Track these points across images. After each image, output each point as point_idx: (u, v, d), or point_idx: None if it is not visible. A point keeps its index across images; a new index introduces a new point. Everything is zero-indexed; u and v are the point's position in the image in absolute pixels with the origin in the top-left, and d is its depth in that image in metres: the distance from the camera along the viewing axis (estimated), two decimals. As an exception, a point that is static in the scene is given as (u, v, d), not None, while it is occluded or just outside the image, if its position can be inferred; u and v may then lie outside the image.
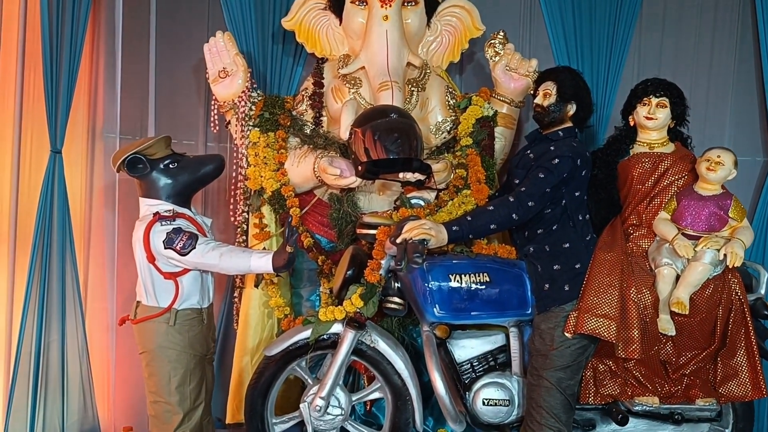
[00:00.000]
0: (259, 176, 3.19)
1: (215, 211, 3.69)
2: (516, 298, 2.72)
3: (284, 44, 3.58)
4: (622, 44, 3.55)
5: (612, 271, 2.64)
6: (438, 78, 3.38)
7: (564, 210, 2.73)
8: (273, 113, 3.28)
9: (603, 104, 3.53)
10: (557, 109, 2.81)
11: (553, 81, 2.84)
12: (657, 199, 2.86)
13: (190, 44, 3.63)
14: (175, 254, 2.58)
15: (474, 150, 3.14)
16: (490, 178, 3.12)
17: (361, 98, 3.23)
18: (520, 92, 3.29)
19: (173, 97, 3.72)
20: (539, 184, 2.65)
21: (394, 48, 3.15)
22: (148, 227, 2.62)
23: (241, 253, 2.61)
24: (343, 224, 3.14)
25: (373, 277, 2.71)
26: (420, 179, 2.89)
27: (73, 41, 3.37)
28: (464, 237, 2.62)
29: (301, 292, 3.34)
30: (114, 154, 2.79)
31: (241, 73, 3.27)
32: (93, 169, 3.63)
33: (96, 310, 3.60)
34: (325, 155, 3.08)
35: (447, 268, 2.68)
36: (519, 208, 2.63)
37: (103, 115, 3.65)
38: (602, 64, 3.56)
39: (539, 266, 2.70)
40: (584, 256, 2.70)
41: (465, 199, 2.98)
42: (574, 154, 2.69)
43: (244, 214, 3.33)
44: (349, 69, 3.23)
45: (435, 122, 3.32)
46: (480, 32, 3.38)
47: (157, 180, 2.71)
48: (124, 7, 3.68)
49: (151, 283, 2.66)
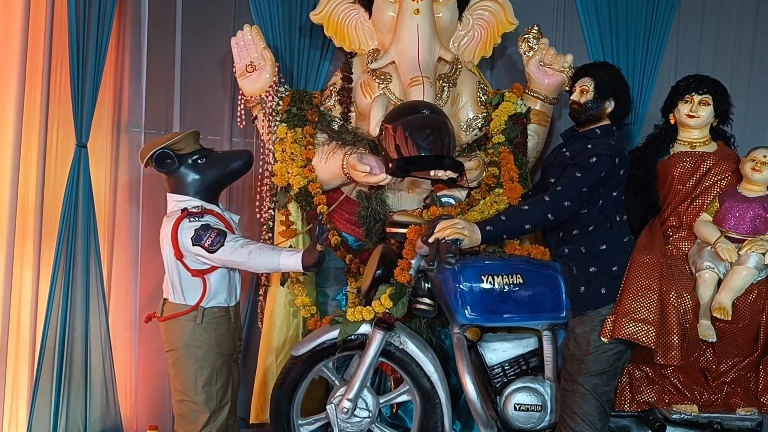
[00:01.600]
0: (286, 173, 3.18)
1: (240, 208, 3.68)
2: (550, 300, 2.69)
3: (312, 38, 3.57)
4: (659, 38, 3.51)
5: (651, 274, 2.60)
6: (469, 73, 3.36)
7: (601, 210, 2.70)
8: (301, 108, 3.27)
9: (639, 101, 3.48)
10: (595, 106, 2.77)
11: (591, 77, 2.80)
12: (698, 200, 2.83)
13: (216, 38, 3.63)
14: (204, 251, 2.58)
15: (506, 148, 3.12)
16: (523, 176, 3.10)
17: (391, 94, 3.21)
18: (555, 88, 3.26)
19: (199, 91, 3.73)
20: (576, 183, 2.62)
21: (425, 42, 3.13)
22: (177, 223, 2.62)
23: (270, 251, 2.61)
24: (371, 222, 3.12)
25: (403, 277, 2.69)
26: (452, 177, 2.86)
27: (99, 35, 3.39)
28: (498, 237, 2.59)
29: (327, 291, 3.33)
30: (142, 148, 2.80)
31: (269, 67, 3.27)
32: (118, 163, 3.65)
33: (119, 306, 3.62)
34: (354, 152, 3.07)
35: (479, 269, 2.66)
36: (555, 208, 2.60)
37: (128, 110, 3.67)
38: (638, 59, 3.52)
39: (574, 268, 2.67)
40: (621, 258, 2.67)
41: (497, 198, 2.95)
42: (613, 153, 2.66)
43: (270, 211, 3.33)
44: (379, 64, 3.22)
45: (466, 119, 3.30)
46: (513, 26, 3.35)
47: (186, 175, 2.72)
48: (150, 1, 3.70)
49: (179, 281, 2.66)
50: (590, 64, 2.97)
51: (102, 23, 3.40)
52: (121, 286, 3.63)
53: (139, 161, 2.82)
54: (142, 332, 3.61)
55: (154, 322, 2.80)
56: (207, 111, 3.73)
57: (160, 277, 2.82)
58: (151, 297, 3.54)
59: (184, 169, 2.72)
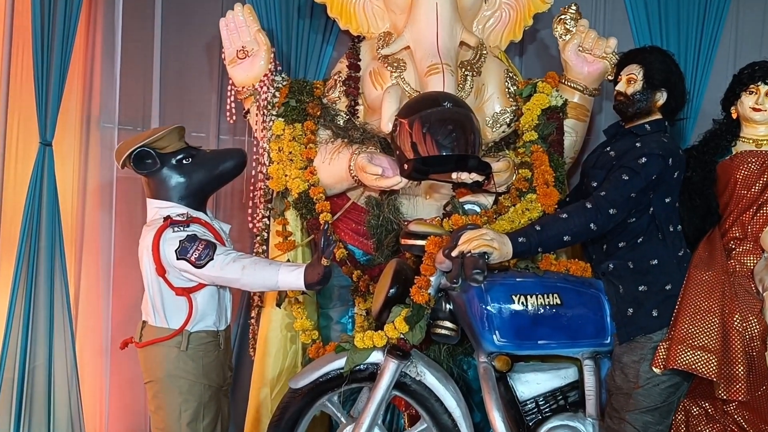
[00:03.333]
0: (284, 175, 3.18)
1: (229, 217, 3.70)
2: (592, 324, 2.69)
3: (312, 19, 3.59)
4: (716, 19, 3.53)
5: (711, 293, 2.60)
6: (496, 60, 3.36)
7: (651, 219, 2.70)
8: (300, 101, 3.28)
9: (693, 92, 3.50)
10: (644, 97, 2.78)
11: (640, 64, 2.80)
12: (765, 207, 2.83)
13: (202, 19, 3.65)
14: (190, 266, 2.58)
15: (540, 146, 3.12)
16: (560, 180, 3.10)
17: (406, 84, 3.22)
18: (596, 78, 3.26)
19: (182, 81, 3.74)
20: (622, 187, 2.62)
21: (445, 24, 3.13)
22: (158, 234, 2.62)
23: (267, 266, 2.61)
24: (382, 233, 3.12)
25: (421, 297, 2.68)
26: (477, 180, 2.86)
27: (66, 15, 3.42)
28: (532, 250, 2.59)
29: (330, 314, 3.33)
30: (118, 146, 2.81)
31: (264, 53, 3.28)
32: (87, 164, 3.66)
33: (88, 329, 3.62)
34: (363, 151, 3.07)
35: (509, 288, 2.66)
36: (598, 217, 2.59)
37: (100, 102, 3.69)
38: (692, 43, 3.54)
39: (621, 287, 2.67)
40: (676, 275, 2.67)
41: (530, 205, 2.95)
42: (665, 152, 2.65)
43: (265, 219, 3.33)
44: (391, 49, 3.22)
45: (492, 113, 3.31)
46: (547, 6, 3.37)
47: (169, 178, 2.72)
48: (126, -25, 3.72)
49: (161, 300, 2.66)
50: (638, 49, 2.97)
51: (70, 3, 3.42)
52: (91, 307, 3.63)
53: (112, 161, 2.84)
54: (114, 360, 3.61)
55: (130, 348, 2.79)
56: (191, 104, 3.75)
57: (136, 295, 2.82)
58: (125, 319, 3.55)
59: (166, 170, 2.72)
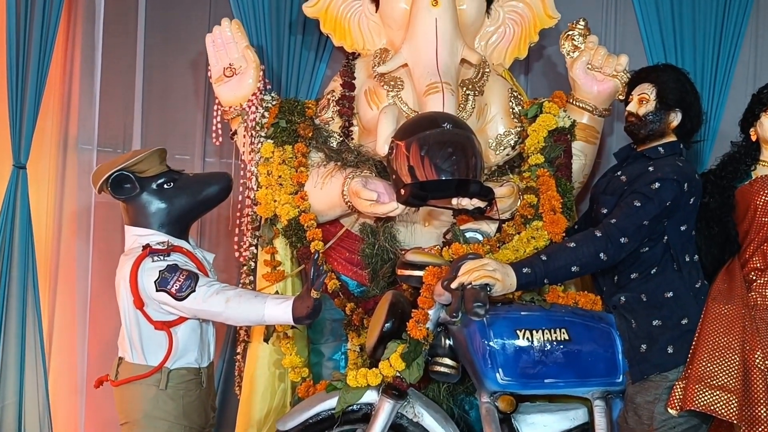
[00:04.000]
0: (272, 201, 3.18)
1: (214, 245, 3.70)
2: (603, 361, 2.68)
3: (305, 35, 3.61)
4: (734, 35, 3.54)
5: (730, 329, 2.59)
6: (499, 79, 3.37)
7: (666, 249, 2.70)
8: (291, 121, 3.28)
9: (710, 113, 3.51)
10: (657, 118, 2.79)
11: (652, 83, 2.82)
12: (789, 235, 2.81)
13: (187, 35, 3.68)
14: (170, 298, 2.57)
15: (546, 170, 3.11)
16: (567, 206, 3.09)
17: (403, 104, 3.22)
18: (606, 97, 3.27)
19: (165, 100, 3.75)
20: (635, 215, 2.62)
21: (445, 41, 3.14)
22: (137, 264, 2.61)
23: (253, 299, 2.61)
24: (378, 263, 3.11)
25: (419, 332, 2.67)
26: (479, 207, 2.86)
27: (44, 31, 3.44)
28: (537, 282, 2.59)
29: (322, 349, 3.32)
30: (95, 170, 2.81)
31: (252, 71, 3.29)
32: (64, 188, 3.67)
33: (62, 365, 3.61)
34: (357, 175, 3.07)
35: (514, 322, 2.65)
36: (609, 246, 2.59)
37: (78, 123, 3.71)
38: (708, 61, 3.55)
39: (634, 321, 2.67)
40: (693, 308, 2.67)
41: (536, 233, 2.94)
42: (680, 177, 2.66)
43: (252, 248, 3.32)
44: (388, 67, 3.23)
45: (496, 135, 3.32)
46: (553, 21, 3.38)
47: (149, 203, 2.72)
48: (107, -12, 3.74)
49: (138, 335, 2.65)
50: (651, 67, 2.98)
51: (48, 16, 3.45)
52: (66, 341, 3.62)
53: (90, 185, 2.83)
54: (90, 399, 3.59)
55: (106, 387, 2.77)
56: (175, 124, 3.76)
57: (115, 329, 2.80)
58: (102, 355, 3.53)
59: (147, 195, 2.72)
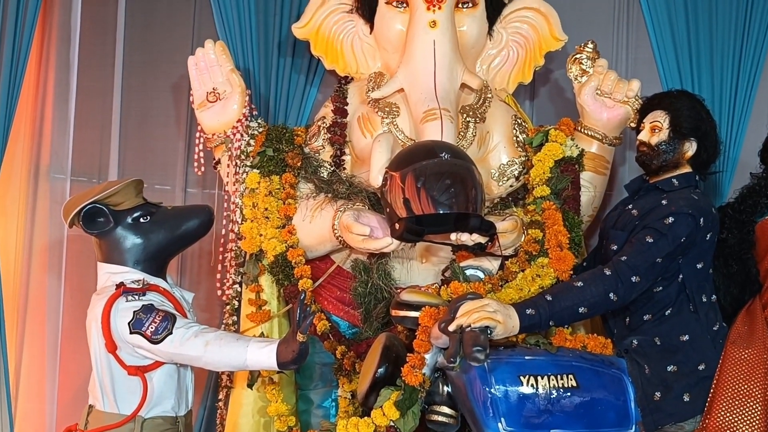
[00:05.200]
0: (258, 235, 3.19)
1: (196, 282, 3.71)
2: (614, 410, 2.65)
3: (294, 58, 3.65)
4: (753, 59, 3.54)
5: (751, 375, 2.60)
6: (502, 105, 3.39)
7: (681, 288, 2.71)
8: (278, 150, 3.30)
9: (729, 143, 3.51)
10: (670, 148, 2.81)
11: (665, 110, 2.83)
12: (812, 274, 2.82)
13: (169, 57, 3.71)
14: (145, 341, 2.57)
15: (552, 203, 3.12)
16: (575, 242, 3.09)
17: (399, 131, 3.24)
18: (616, 125, 3.27)
19: (144, 126, 3.78)
20: (647, 251, 2.63)
21: (443, 64, 3.16)
22: (109, 304, 2.61)
23: (234, 342, 2.59)
24: (371, 302, 3.11)
25: (414, 378, 2.66)
26: (480, 242, 2.85)
27: (15, 51, 3.47)
28: (542, 324, 2.58)
29: (311, 396, 3.32)
30: (66, 202, 2.82)
31: (237, 95, 3.31)
32: (34, 220, 3.67)
33: (30, 412, 3.61)
34: (349, 208, 3.08)
35: (517, 368, 2.63)
36: (618, 286, 2.59)
37: (50, 150, 3.72)
38: (727, 88, 3.56)
39: (647, 367, 2.67)
40: (711, 353, 2.67)
41: (541, 271, 2.94)
42: (696, 211, 2.67)
43: (236, 286, 3.32)
44: (383, 92, 3.25)
45: (498, 165, 3.33)
46: (560, 43, 3.40)
47: (123, 239, 2.73)
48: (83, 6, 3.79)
49: (110, 381, 2.64)
50: (663, 93, 3.00)
51: (19, 35, 3.48)
52: (33, 386, 3.62)
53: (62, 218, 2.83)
54: (59, 449, 3.57)
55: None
56: (154, 153, 3.78)
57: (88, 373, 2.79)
58: (74, 401, 3.52)
59: (121, 230, 2.73)
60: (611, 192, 3.47)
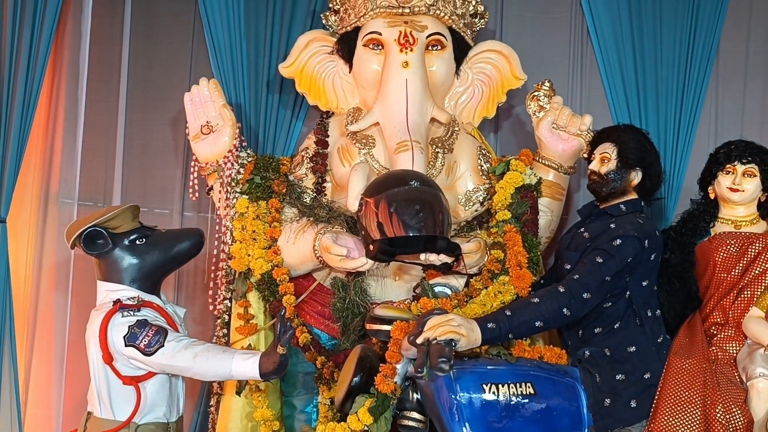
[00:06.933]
0: (246, 255, 3.15)
1: (192, 298, 3.68)
2: (568, 416, 2.61)
3: (281, 95, 3.63)
4: (695, 96, 3.56)
5: (691, 383, 2.59)
6: (468, 137, 3.38)
7: (629, 304, 2.71)
8: (265, 177, 3.28)
9: (673, 171, 3.51)
10: (618, 177, 2.82)
11: (613, 142, 2.85)
12: (746, 291, 2.81)
13: (168, 93, 3.70)
14: (139, 353, 2.55)
15: (513, 226, 3.10)
16: (534, 261, 3.07)
17: (374, 161, 3.23)
18: (570, 155, 3.27)
19: (145, 156, 3.76)
20: (597, 271, 2.63)
21: (415, 101, 3.16)
22: (106, 319, 2.59)
23: (220, 354, 2.57)
24: (348, 317, 3.08)
25: (386, 386, 2.63)
26: (446, 262, 2.84)
27: (28, 86, 3.46)
28: (502, 337, 2.57)
29: (294, 402, 3.27)
30: (69, 226, 2.80)
31: (228, 128, 3.29)
32: (44, 242, 3.66)
33: (38, 418, 3.55)
34: (328, 230, 3.06)
35: (480, 376, 2.60)
36: (572, 302, 2.59)
37: (60, 177, 3.71)
38: (671, 121, 3.57)
39: (598, 375, 2.67)
40: (655, 363, 2.67)
41: (502, 288, 2.93)
42: (641, 234, 2.67)
43: (226, 301, 3.29)
44: (360, 125, 3.24)
45: (464, 191, 3.31)
46: (520, 82, 3.40)
47: (120, 259, 2.71)
48: (91, 47, 3.78)
49: (107, 390, 2.61)
50: (612, 127, 3.03)
51: (32, 71, 3.47)
52: (41, 393, 3.58)
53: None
54: (65, 452, 3.53)
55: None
56: (155, 180, 3.76)
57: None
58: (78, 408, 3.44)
59: (118, 251, 2.72)
60: (567, 216, 3.46)
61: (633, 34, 3.55)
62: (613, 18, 3.55)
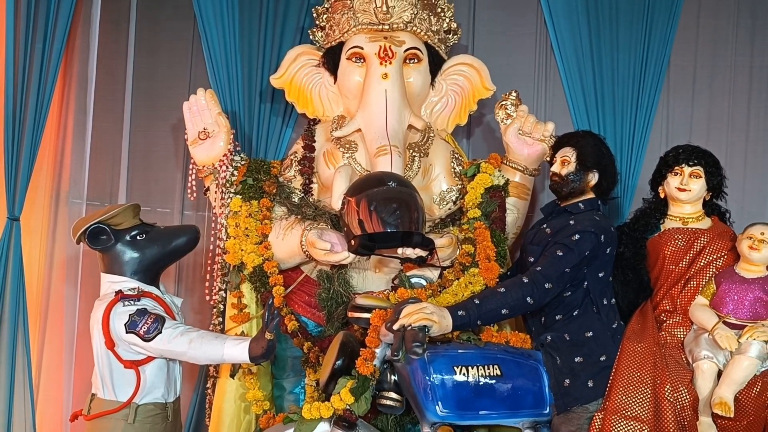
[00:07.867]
0: (239, 250, 3.14)
1: (190, 289, 3.65)
2: (531, 395, 2.64)
3: (272, 103, 3.62)
4: (648, 106, 3.56)
5: (643, 364, 2.58)
6: (443, 142, 3.38)
7: (586, 293, 2.69)
8: (257, 179, 3.27)
9: (628, 173, 3.52)
10: (577, 178, 2.82)
11: (573, 147, 2.84)
12: (693, 281, 2.81)
13: (169, 102, 3.67)
14: (138, 339, 2.54)
15: (483, 223, 3.10)
16: (501, 255, 3.07)
17: (357, 164, 3.22)
18: (535, 159, 3.27)
19: (148, 159, 3.74)
20: (557, 263, 2.62)
21: (394, 109, 3.16)
22: (109, 308, 2.58)
23: (213, 340, 2.56)
24: (333, 306, 3.07)
25: (366, 369, 2.61)
26: (421, 256, 2.83)
27: (40, 94, 3.44)
28: (471, 323, 2.56)
29: (284, 384, 3.25)
30: (75, 223, 2.79)
31: (223, 134, 3.28)
32: (55, 238, 3.63)
33: (49, 400, 3.53)
34: (314, 227, 3.04)
35: (451, 359, 2.60)
36: (534, 291, 2.58)
37: (70, 179, 3.69)
38: (627, 128, 3.57)
39: (558, 358, 2.65)
40: (610, 346, 2.66)
41: (472, 279, 2.92)
42: (597, 230, 2.67)
43: (221, 292, 3.27)
44: (344, 131, 3.24)
45: (439, 191, 3.31)
46: (490, 92, 3.40)
47: (122, 253, 2.70)
48: (99, 60, 3.76)
49: (109, 373, 2.60)
50: (571, 133, 3.02)
51: (44, 81, 3.45)
52: (53, 377, 3.55)
53: (75, 237, 2.79)
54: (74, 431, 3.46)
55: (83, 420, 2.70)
56: (157, 181, 3.74)
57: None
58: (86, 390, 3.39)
59: (120, 246, 2.70)
60: (532, 214, 3.45)
61: (592, 50, 3.55)
62: (573, 35, 3.56)
